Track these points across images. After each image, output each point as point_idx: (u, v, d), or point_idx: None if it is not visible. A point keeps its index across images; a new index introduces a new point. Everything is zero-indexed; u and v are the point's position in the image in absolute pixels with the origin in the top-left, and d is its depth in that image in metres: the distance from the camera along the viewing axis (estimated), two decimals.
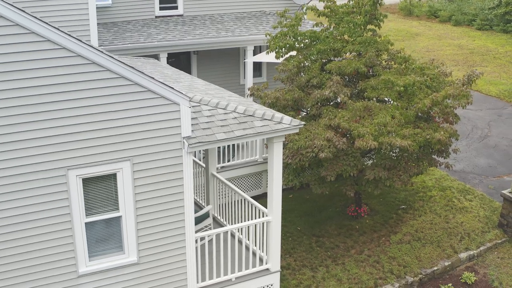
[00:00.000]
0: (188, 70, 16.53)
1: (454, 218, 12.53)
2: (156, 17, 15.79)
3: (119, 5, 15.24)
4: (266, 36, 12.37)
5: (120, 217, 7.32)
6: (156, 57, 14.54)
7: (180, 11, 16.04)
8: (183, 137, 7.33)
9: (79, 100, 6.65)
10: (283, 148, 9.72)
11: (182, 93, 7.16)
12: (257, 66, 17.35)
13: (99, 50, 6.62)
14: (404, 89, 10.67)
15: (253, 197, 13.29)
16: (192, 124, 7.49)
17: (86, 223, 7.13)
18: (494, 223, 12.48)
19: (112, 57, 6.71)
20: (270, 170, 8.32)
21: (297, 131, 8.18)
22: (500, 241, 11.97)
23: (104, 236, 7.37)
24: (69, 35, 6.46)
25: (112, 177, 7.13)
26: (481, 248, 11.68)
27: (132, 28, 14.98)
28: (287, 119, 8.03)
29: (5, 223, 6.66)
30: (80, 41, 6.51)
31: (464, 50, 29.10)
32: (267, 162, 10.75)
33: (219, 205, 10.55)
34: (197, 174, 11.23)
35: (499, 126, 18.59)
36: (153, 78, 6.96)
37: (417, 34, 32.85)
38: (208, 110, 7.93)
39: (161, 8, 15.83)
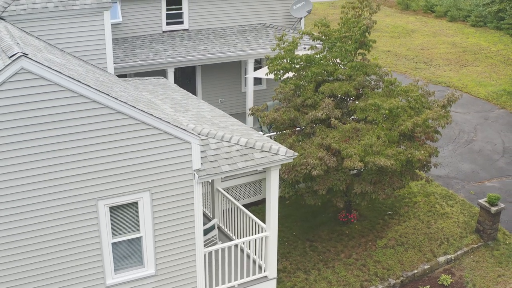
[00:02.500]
0: (193, 80, 17.72)
1: (436, 224, 13.86)
2: (163, 32, 16.90)
3: (129, 22, 16.34)
4: (266, 58, 13.52)
5: (141, 237, 8.64)
6: (164, 71, 15.72)
7: (185, 25, 17.14)
8: (194, 170, 8.60)
9: (108, 143, 7.90)
10: None
11: (193, 133, 8.40)
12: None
13: (123, 102, 7.83)
14: (389, 111, 11.88)
15: (253, 203, 14.67)
16: (201, 157, 8.74)
17: (112, 243, 8.45)
18: (472, 228, 13.81)
19: (135, 107, 7.92)
20: (267, 193, 9.61)
21: (291, 160, 9.44)
22: (476, 245, 13.31)
23: (127, 253, 8.70)
24: (97, 89, 7.66)
25: (134, 205, 8.43)
26: (458, 252, 13.03)
27: (142, 44, 16.10)
28: (282, 150, 9.28)
29: (47, 245, 7.98)
30: (108, 95, 7.71)
31: (458, 48, 30.09)
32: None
33: (223, 211, 11.82)
34: (203, 184, 12.50)
35: (485, 130, 19.79)
36: (168, 122, 8.19)
37: (413, 31, 33.77)
38: (215, 143, 9.18)
39: (168, 23, 16.93)
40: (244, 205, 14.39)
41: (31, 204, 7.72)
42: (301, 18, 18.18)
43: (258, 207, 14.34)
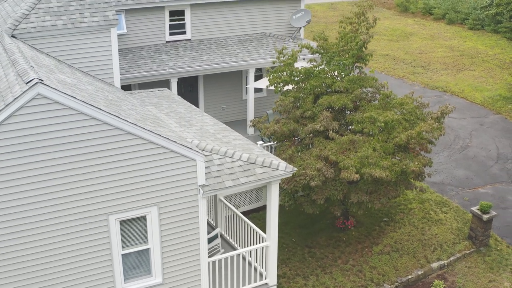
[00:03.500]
0: (196, 88, 18.21)
1: (430, 230, 14.39)
2: (166, 42, 17.38)
3: (134, 33, 16.82)
4: (267, 71, 13.99)
5: (149, 248, 9.17)
6: (168, 81, 16.22)
7: (188, 35, 17.62)
8: (199, 185, 9.11)
9: (119, 162, 8.41)
10: None
11: (198, 151, 8.91)
12: (258, 80, 18.93)
13: (133, 123, 8.34)
14: (384, 124, 12.38)
15: (253, 209, 15.18)
16: (205, 173, 9.25)
17: (122, 254, 8.98)
18: (465, 235, 14.33)
19: (144, 128, 8.42)
20: (268, 206, 10.12)
21: (291, 175, 9.95)
22: (468, 251, 13.83)
23: (136, 263, 9.22)
24: (109, 112, 8.16)
25: (143, 218, 8.95)
26: (451, 258, 13.56)
27: (146, 55, 16.59)
28: (282, 165, 9.79)
29: (63, 256, 8.50)
30: (119, 117, 8.21)
31: (455, 52, 30.56)
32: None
33: (226, 217, 12.33)
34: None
35: (480, 136, 20.29)
36: (175, 142, 8.69)
37: (411, 34, 34.22)
38: (218, 159, 9.68)
39: (171, 34, 17.41)
40: (245, 212, 14.93)
41: (48, 219, 8.24)
42: (300, 28, 18.65)
43: (258, 214, 14.86)
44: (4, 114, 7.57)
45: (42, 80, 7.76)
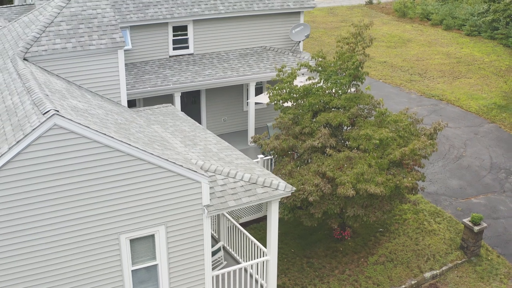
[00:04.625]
0: (198, 100, 18.79)
1: (423, 241, 14.99)
2: (170, 56, 17.95)
3: (138, 48, 17.40)
4: (267, 88, 14.58)
5: (157, 264, 9.77)
6: (171, 95, 16.81)
7: (191, 50, 18.19)
8: (204, 205, 9.71)
9: (129, 185, 9.01)
10: None
11: (203, 175, 9.50)
12: (259, 93, 19.53)
13: (142, 150, 8.92)
14: (379, 141, 12.97)
15: (254, 220, 15.78)
16: (210, 193, 9.85)
17: (132, 270, 9.58)
18: (457, 245, 14.93)
19: (152, 154, 9.01)
20: (268, 223, 10.73)
21: (290, 194, 10.55)
22: (460, 261, 14.44)
23: (145, 278, 9.82)
24: (120, 140, 8.75)
25: (151, 237, 9.55)
26: (444, 268, 14.16)
27: (150, 70, 17.17)
28: (282, 185, 10.38)
29: (77, 273, 9.11)
30: (130, 144, 8.79)
31: (452, 59, 31.12)
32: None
33: (228, 228, 12.94)
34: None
35: (474, 146, 20.87)
36: (181, 166, 9.28)
37: (409, 40, 34.77)
38: (222, 179, 10.28)
39: (174, 48, 17.98)
40: (246, 222, 15.54)
41: (64, 239, 8.83)
42: (299, 42, 19.22)
43: (259, 224, 15.47)
44: (23, 144, 8.15)
45: (58, 111, 8.35)
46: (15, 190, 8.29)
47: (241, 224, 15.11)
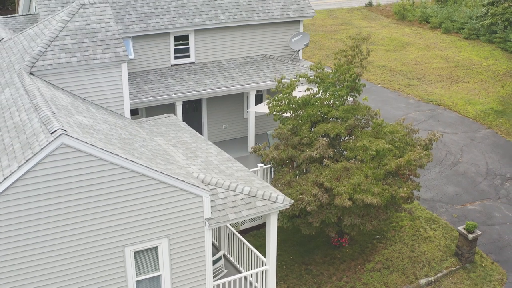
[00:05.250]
0: (199, 108, 19.14)
1: (419, 248, 15.35)
2: (171, 65, 18.30)
3: (141, 57, 17.75)
4: (267, 99, 14.91)
5: (160, 275, 10.15)
6: (173, 105, 17.16)
7: (192, 59, 18.53)
8: (205, 219, 10.07)
9: (133, 200, 9.38)
10: None
11: (204, 189, 9.86)
12: (259, 100, 19.87)
13: (146, 166, 9.28)
14: (376, 152, 13.32)
15: (254, 227, 16.13)
16: (211, 206, 10.21)
17: (136, 281, 9.96)
18: (452, 252, 15.30)
19: (156, 170, 9.37)
20: (267, 234, 11.09)
21: (288, 207, 10.91)
22: (455, 268, 14.81)
23: None
24: (125, 157, 9.10)
25: (155, 249, 9.93)
26: (438, 275, 14.53)
27: (152, 79, 17.52)
28: (280, 198, 10.74)
29: (84, 284, 9.49)
30: (134, 161, 9.15)
31: (450, 63, 31.43)
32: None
33: (228, 235, 13.30)
34: None
35: (471, 152, 21.21)
36: (183, 181, 9.64)
37: (408, 44, 35.06)
38: (222, 192, 10.64)
39: (176, 57, 18.32)
40: (246, 229, 15.90)
41: (71, 252, 9.21)
42: (299, 50, 19.55)
43: (259, 231, 15.83)
44: (32, 162, 8.51)
45: (65, 130, 8.71)
46: (25, 206, 8.66)
47: (241, 231, 15.49)
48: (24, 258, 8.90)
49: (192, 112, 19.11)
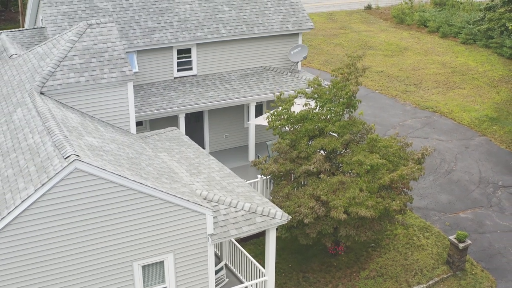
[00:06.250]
0: (201, 119, 19.78)
1: (412, 256, 16.02)
2: (174, 78, 18.92)
3: (144, 70, 18.38)
4: (267, 114, 15.56)
5: (166, 287, 10.82)
6: (176, 116, 17.81)
7: (194, 71, 19.16)
8: (208, 234, 10.75)
9: (141, 219, 10.05)
10: None
11: (208, 208, 10.52)
12: (259, 110, 20.50)
13: (153, 188, 9.94)
14: (370, 167, 13.96)
15: (254, 235, 16.75)
16: (213, 222, 10.87)
17: None
18: (443, 260, 15.96)
19: (162, 191, 10.03)
20: (267, 248, 11.76)
21: (286, 222, 11.58)
22: (446, 275, 15.48)
23: None
24: (133, 180, 9.76)
25: (161, 263, 10.61)
26: (430, 282, 15.20)
27: (156, 92, 18.15)
28: (279, 214, 11.41)
29: None
30: (142, 184, 9.80)
31: (447, 68, 32.01)
32: None
33: (230, 246, 13.98)
34: None
35: (465, 160, 21.83)
36: (188, 200, 10.30)
37: (406, 49, 35.62)
38: (224, 209, 11.30)
39: (178, 70, 18.95)
40: (246, 237, 16.55)
41: (85, 267, 9.89)
42: (297, 62, 20.16)
43: (258, 239, 16.49)
44: (48, 186, 9.16)
45: (78, 156, 9.35)
46: (40, 226, 9.32)
47: (241, 239, 16.15)
48: (40, 274, 9.58)
49: (195, 123, 19.74)
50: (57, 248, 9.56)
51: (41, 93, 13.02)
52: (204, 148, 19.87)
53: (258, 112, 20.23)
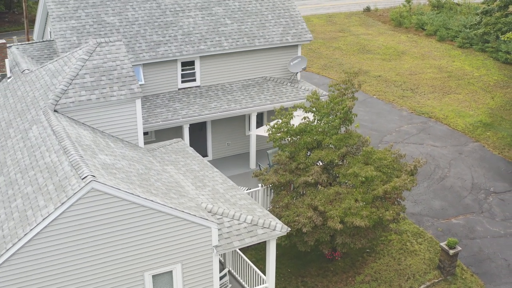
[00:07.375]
0: (204, 127, 20.56)
1: (405, 261, 16.88)
2: (179, 89, 19.71)
3: (150, 82, 19.16)
4: (267, 126, 16.37)
5: None
6: (180, 127, 18.61)
7: (197, 83, 19.94)
8: (213, 246, 11.59)
9: (151, 233, 10.89)
10: None
11: (213, 221, 11.36)
12: (260, 118, 21.29)
13: (162, 205, 10.76)
14: (365, 179, 14.79)
15: None
16: (218, 235, 11.71)
17: None
18: (435, 265, 16.81)
19: (171, 207, 10.86)
20: (267, 258, 12.61)
21: (285, 234, 12.42)
22: (437, 280, 16.33)
23: None
24: (145, 198, 10.59)
25: (170, 273, 11.46)
26: (422, 287, 16.06)
27: (161, 103, 18.95)
28: (279, 226, 12.24)
29: None
30: (152, 201, 10.63)
31: (443, 73, 32.75)
32: None
33: (233, 254, 14.83)
34: None
35: (458, 166, 22.63)
36: (194, 215, 11.13)
37: (403, 52, 36.34)
38: (228, 221, 12.14)
39: (182, 81, 19.73)
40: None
41: (100, 277, 10.73)
42: (297, 73, 20.94)
43: (259, 245, 17.32)
44: (66, 205, 9.99)
45: (94, 176, 10.17)
46: (59, 241, 10.16)
47: None
48: (59, 284, 10.42)
49: (198, 131, 20.54)
50: (74, 261, 10.41)
51: (55, 111, 13.83)
52: (207, 155, 20.68)
53: (259, 120, 21.03)
